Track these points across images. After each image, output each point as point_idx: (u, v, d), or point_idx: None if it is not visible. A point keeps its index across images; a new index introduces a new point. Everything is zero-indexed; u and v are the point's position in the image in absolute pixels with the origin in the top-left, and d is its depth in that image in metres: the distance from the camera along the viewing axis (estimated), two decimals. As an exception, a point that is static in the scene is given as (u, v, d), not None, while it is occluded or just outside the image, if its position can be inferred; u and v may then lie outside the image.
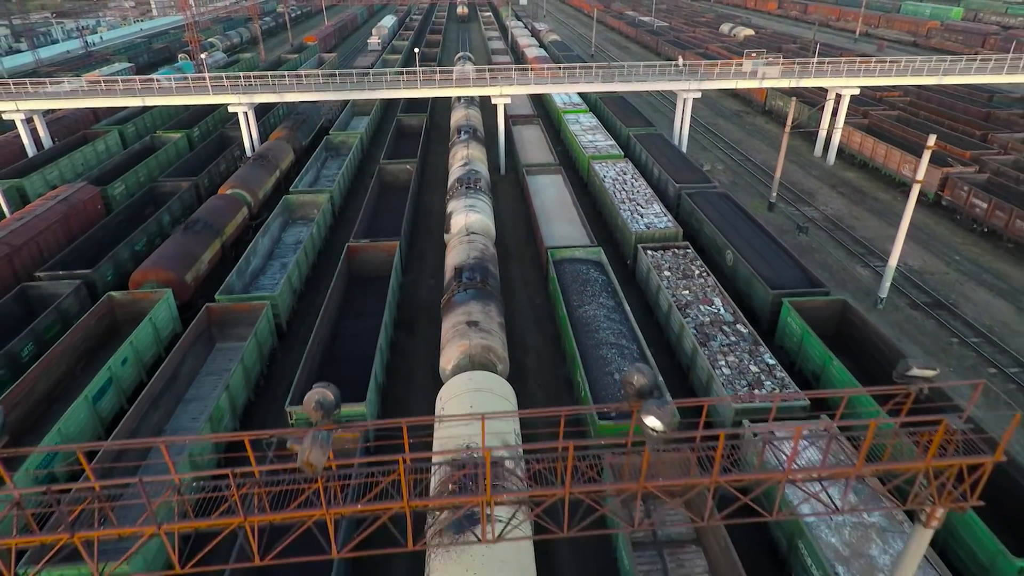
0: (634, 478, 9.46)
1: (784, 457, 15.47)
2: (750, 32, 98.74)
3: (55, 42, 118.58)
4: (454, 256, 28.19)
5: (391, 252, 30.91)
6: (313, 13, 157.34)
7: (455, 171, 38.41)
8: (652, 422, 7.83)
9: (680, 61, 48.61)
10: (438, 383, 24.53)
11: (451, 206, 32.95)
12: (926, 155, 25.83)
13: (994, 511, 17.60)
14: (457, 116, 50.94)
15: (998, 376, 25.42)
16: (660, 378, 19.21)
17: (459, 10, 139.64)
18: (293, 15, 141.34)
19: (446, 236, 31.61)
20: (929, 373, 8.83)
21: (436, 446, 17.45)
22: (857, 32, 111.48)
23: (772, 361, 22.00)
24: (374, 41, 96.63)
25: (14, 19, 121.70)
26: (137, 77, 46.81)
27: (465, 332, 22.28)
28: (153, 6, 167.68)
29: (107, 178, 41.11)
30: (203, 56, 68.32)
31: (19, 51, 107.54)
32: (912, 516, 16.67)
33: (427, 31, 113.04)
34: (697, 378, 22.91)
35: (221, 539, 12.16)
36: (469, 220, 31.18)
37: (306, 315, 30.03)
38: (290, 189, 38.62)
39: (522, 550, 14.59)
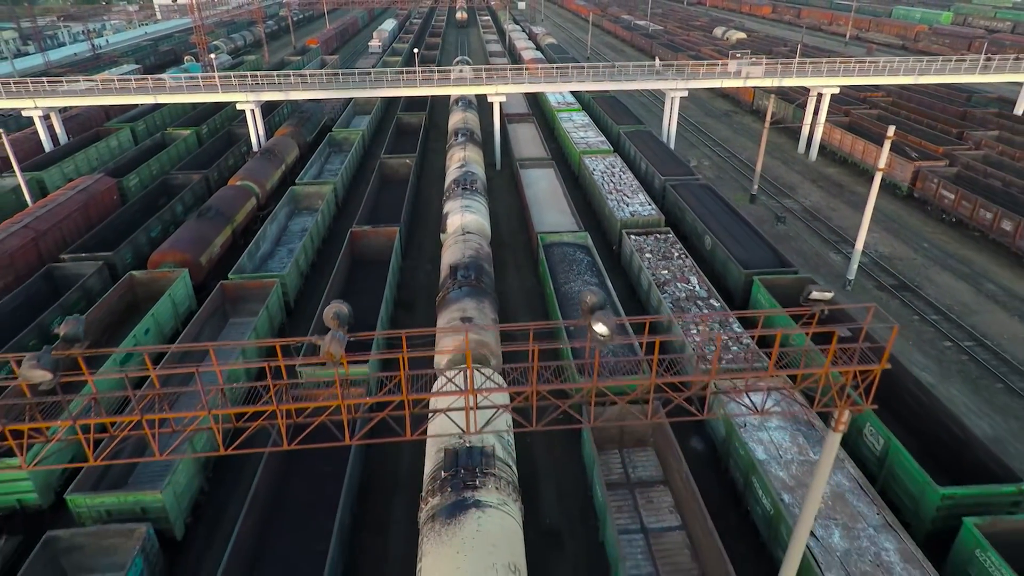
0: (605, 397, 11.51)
1: (733, 397, 17.61)
2: (742, 35, 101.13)
3: (62, 45, 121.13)
4: (450, 255, 28.66)
5: (391, 237, 33.02)
6: (315, 17, 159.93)
7: (452, 172, 38.98)
8: (599, 328, 9.89)
9: (657, 62, 50.72)
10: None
11: (447, 206, 33.57)
12: (886, 144, 27.99)
13: (926, 453, 19.69)
14: (455, 119, 51.74)
15: (952, 348, 27.51)
16: (609, 300, 21.20)
17: (458, 16, 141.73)
18: (295, 19, 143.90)
19: (442, 236, 32.16)
20: (827, 295, 10.85)
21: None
22: (847, 36, 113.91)
23: (740, 329, 24.09)
24: (375, 44, 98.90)
25: (22, 22, 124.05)
26: (149, 76, 48.99)
27: (460, 328, 23.33)
28: (157, 10, 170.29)
29: (122, 171, 43.26)
30: (212, 56, 70.52)
31: (27, 54, 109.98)
32: (830, 427, 18.75)
33: (427, 34, 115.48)
34: (673, 349, 24.99)
35: (257, 428, 14.18)
36: (465, 220, 31.55)
37: (312, 295, 32.12)
38: (296, 181, 40.74)
39: (511, 533, 14.87)
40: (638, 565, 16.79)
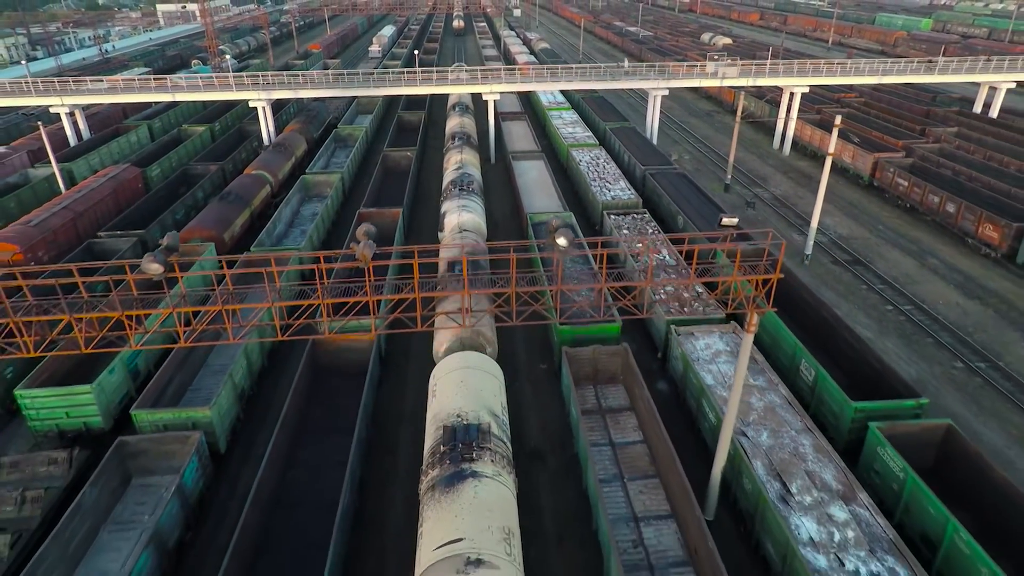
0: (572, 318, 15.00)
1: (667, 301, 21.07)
2: (728, 41, 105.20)
3: (69, 50, 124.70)
4: (446, 253, 29.16)
5: (395, 218, 36.54)
6: (315, 23, 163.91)
7: (449, 174, 40.46)
8: (561, 241, 13.38)
9: (626, 63, 54.51)
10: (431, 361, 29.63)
11: (445, 206, 34.56)
12: (834, 132, 31.69)
13: (851, 385, 23.24)
14: (452, 124, 53.37)
15: (893, 311, 31.12)
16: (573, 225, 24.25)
17: (455, 23, 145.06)
18: (298, 24, 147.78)
19: (440, 235, 33.34)
20: (733, 221, 14.27)
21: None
22: (830, 41, 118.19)
23: (700, 289, 27.64)
24: (375, 49, 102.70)
25: (32, 28, 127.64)
26: (168, 76, 52.55)
27: (458, 318, 22.73)
28: (160, 17, 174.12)
29: (145, 162, 46.78)
30: (227, 57, 74.10)
31: (35, 58, 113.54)
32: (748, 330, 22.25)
33: (425, 39, 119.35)
34: (642, 303, 28.51)
35: (306, 316, 17.63)
36: (462, 219, 32.43)
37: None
38: (306, 171, 44.25)
39: (505, 500, 15.92)
40: (606, 468, 20.25)
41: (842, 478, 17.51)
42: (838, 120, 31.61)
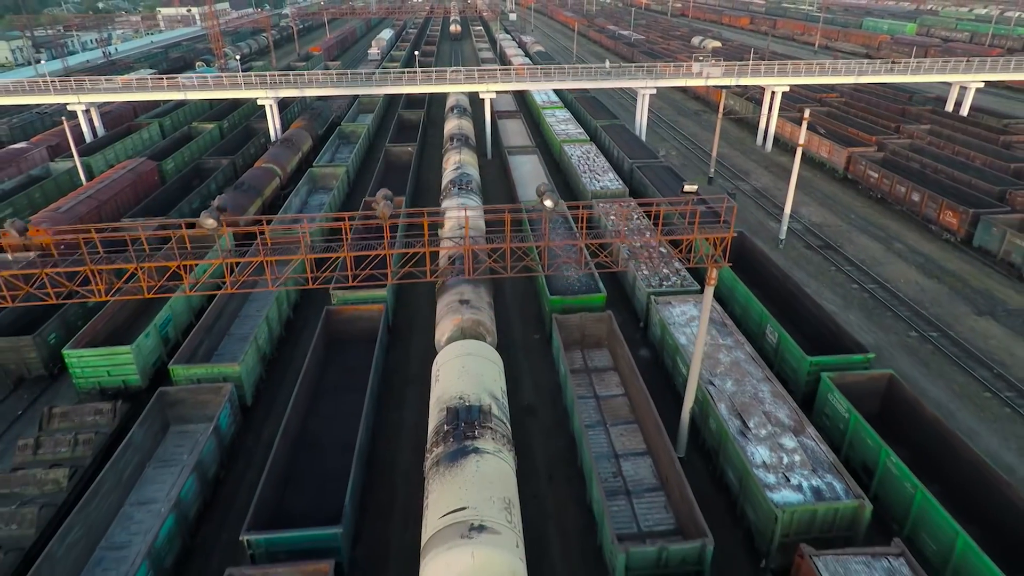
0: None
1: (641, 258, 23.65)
2: (717, 44, 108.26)
3: (72, 53, 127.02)
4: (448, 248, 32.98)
5: (399, 204, 39.11)
6: (314, 27, 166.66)
7: (448, 174, 41.54)
8: (547, 202, 15.99)
9: (607, 64, 57.30)
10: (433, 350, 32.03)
11: (445, 204, 35.79)
12: (804, 125, 34.49)
13: (812, 346, 25.91)
14: (450, 126, 54.96)
15: (857, 289, 33.87)
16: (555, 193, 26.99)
17: (452, 28, 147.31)
18: (297, 28, 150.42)
19: (440, 231, 34.71)
20: (693, 187, 16.85)
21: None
22: (816, 45, 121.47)
23: (679, 266, 30.32)
24: (374, 52, 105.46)
25: (36, 32, 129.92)
26: (179, 76, 55.08)
27: (458, 309, 24.71)
28: (161, 21, 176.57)
29: (159, 157, 49.27)
30: (237, 59, 76.67)
31: (39, 61, 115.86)
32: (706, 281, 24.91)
33: (423, 42, 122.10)
34: (627, 281, 31.17)
35: (334, 265, 20.23)
36: (462, 217, 33.78)
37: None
38: (313, 164, 46.82)
39: (505, 474, 16.99)
40: (590, 416, 22.85)
41: (794, 416, 20.17)
42: (806, 114, 34.42)
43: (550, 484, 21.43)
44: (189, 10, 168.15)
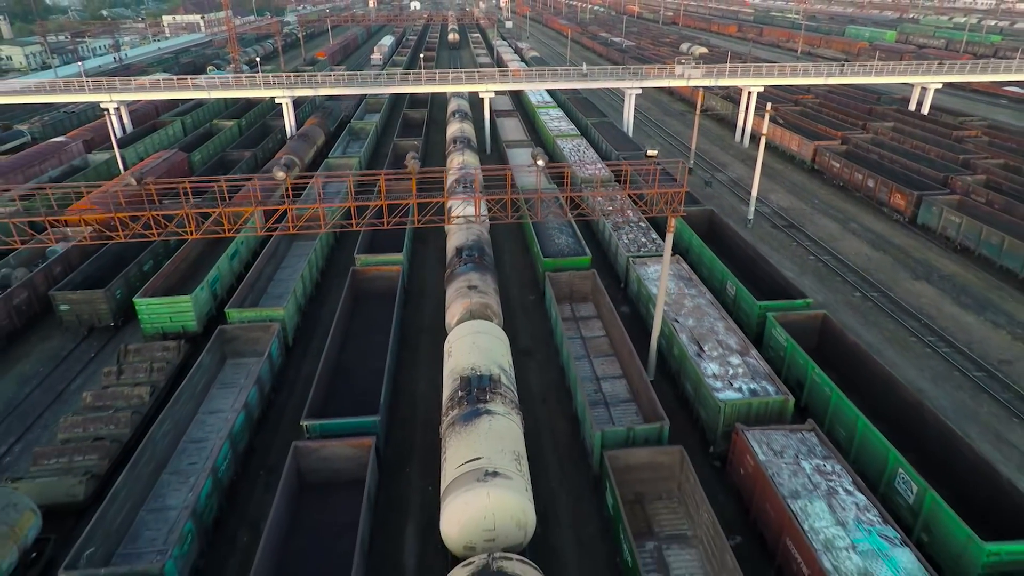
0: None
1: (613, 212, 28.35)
2: (704, 50, 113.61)
3: (82, 58, 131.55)
4: (455, 240, 32.38)
5: (410, 184, 43.73)
6: (316, 34, 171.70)
7: (453, 173, 43.41)
8: (539, 162, 20.54)
9: (584, 67, 62.19)
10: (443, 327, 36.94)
11: (450, 203, 35.85)
12: (766, 117, 39.32)
13: (763, 296, 30.54)
14: (452, 129, 56.68)
15: (813, 260, 38.58)
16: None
17: (450, 36, 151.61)
18: (303, 34, 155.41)
19: (446, 227, 36.05)
20: (654, 152, 21.36)
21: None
22: (799, 51, 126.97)
23: (654, 236, 34.98)
24: (376, 57, 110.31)
25: (48, 38, 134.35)
26: (201, 77, 59.69)
27: (467, 293, 26.50)
28: (166, 28, 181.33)
29: (187, 149, 53.82)
30: (258, 59, 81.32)
31: (51, 66, 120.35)
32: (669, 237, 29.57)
33: (423, 48, 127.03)
34: (610, 250, 35.80)
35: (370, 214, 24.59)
36: (467, 211, 34.15)
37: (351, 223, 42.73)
38: (328, 156, 51.42)
39: (514, 433, 18.74)
40: (577, 351, 27.39)
41: (741, 343, 24.78)
42: (769, 107, 39.27)
43: (544, 404, 25.97)
44: (203, 17, 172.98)
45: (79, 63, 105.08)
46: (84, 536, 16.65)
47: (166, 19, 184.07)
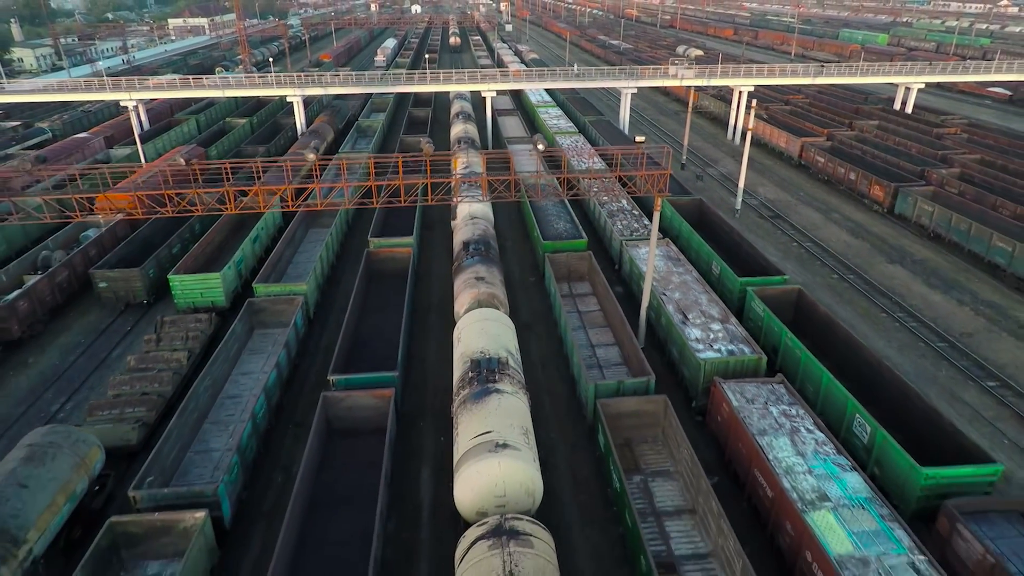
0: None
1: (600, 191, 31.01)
2: (700, 52, 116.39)
3: (91, 61, 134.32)
4: (462, 234, 33.55)
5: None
6: (319, 36, 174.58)
7: (458, 172, 46.60)
8: (539, 145, 23.07)
9: (575, 67, 64.91)
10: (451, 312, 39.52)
11: (456, 198, 37.61)
12: (751, 112, 41.98)
13: (742, 272, 33.13)
14: (456, 130, 57.06)
15: (796, 246, 41.21)
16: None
17: (451, 40, 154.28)
18: (308, 37, 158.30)
19: (452, 223, 37.30)
20: (642, 139, 23.88)
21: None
22: (792, 53, 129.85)
23: (646, 222, 37.60)
24: (380, 59, 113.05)
25: (59, 40, 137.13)
26: (216, 76, 62.37)
27: (475, 284, 27.67)
28: (171, 31, 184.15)
29: (204, 145, 56.47)
30: (270, 59, 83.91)
31: (61, 68, 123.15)
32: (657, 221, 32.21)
33: (425, 50, 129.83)
34: (605, 235, 38.42)
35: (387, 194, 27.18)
36: (472, 208, 36.78)
37: (363, 212, 45.35)
38: (339, 151, 54.05)
39: (522, 410, 19.82)
40: (574, 324, 29.97)
41: (722, 313, 27.38)
42: (754, 103, 41.95)
43: (543, 369, 28.56)
44: (213, 20, 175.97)
45: (91, 64, 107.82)
46: (144, 468, 19.21)
47: (172, 22, 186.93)
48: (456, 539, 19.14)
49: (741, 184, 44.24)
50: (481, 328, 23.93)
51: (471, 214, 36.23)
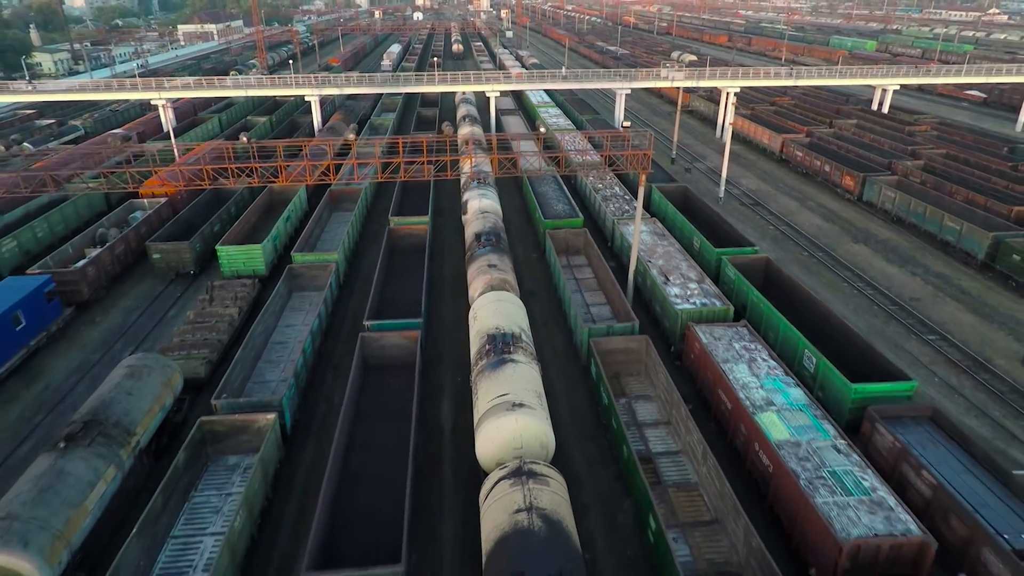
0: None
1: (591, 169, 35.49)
2: (694, 58, 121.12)
3: (105, 65, 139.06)
4: (473, 227, 35.97)
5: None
6: (325, 42, 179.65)
7: (467, 170, 49.76)
8: (541, 129, 27.42)
9: (564, 70, 69.42)
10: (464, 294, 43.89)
11: (466, 195, 41.31)
12: (732, 108, 46.48)
13: (721, 243, 37.53)
14: (464, 132, 58.85)
15: (773, 229, 45.65)
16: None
17: (454, 47, 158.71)
18: (311, 43, 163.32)
19: (464, 218, 39.83)
20: (627, 124, 28.14)
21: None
22: (783, 59, 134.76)
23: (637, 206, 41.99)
24: (386, 63, 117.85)
25: (74, 45, 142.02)
26: (239, 77, 66.92)
27: (487, 271, 29.98)
28: (181, 37, 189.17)
29: (232, 139, 60.96)
30: (290, 61, 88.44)
31: (77, 72, 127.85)
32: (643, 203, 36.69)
33: (429, 55, 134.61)
34: (599, 216, 42.82)
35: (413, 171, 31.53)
36: (482, 204, 38.93)
37: (384, 193, 49.76)
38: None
39: (535, 377, 21.80)
40: (572, 288, 34.33)
41: (699, 275, 31.76)
42: (733, 99, 46.44)
43: (544, 327, 32.91)
44: (228, 25, 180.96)
45: (109, 68, 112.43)
46: (219, 387, 23.51)
47: (182, 27, 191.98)
48: (472, 459, 23.37)
49: (724, 173, 48.72)
50: (495, 308, 26.04)
51: (481, 209, 38.55)
